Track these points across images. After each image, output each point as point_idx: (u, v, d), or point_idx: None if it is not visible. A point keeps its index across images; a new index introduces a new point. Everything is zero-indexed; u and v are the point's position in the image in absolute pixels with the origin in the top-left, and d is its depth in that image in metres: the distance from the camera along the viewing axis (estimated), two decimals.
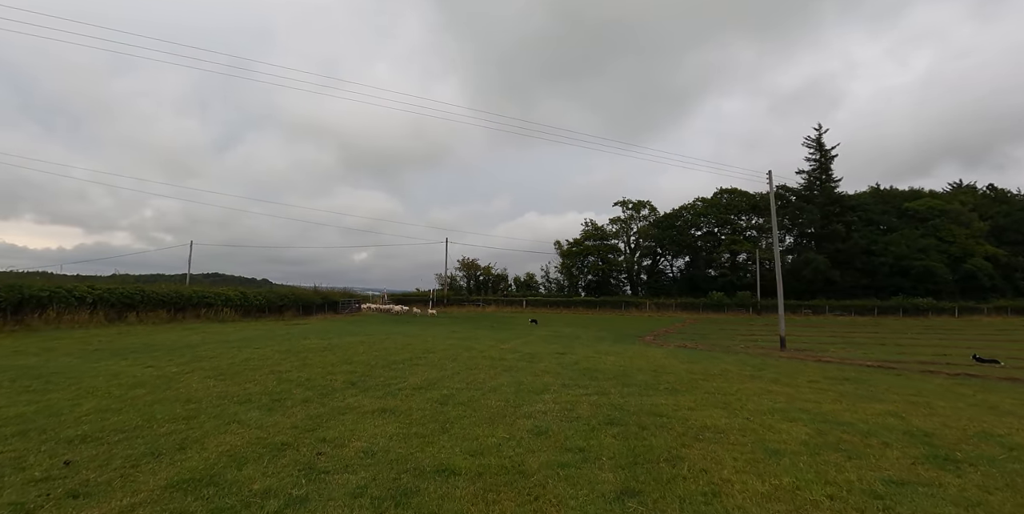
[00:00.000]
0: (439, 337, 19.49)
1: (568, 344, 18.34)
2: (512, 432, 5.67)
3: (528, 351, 14.87)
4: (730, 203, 62.83)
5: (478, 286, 65.67)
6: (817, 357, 17.39)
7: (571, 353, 14.63)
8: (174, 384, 8.79)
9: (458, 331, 24.56)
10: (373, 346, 15.13)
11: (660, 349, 18.47)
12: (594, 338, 23.71)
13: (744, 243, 59.67)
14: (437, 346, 15.50)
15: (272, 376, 9.57)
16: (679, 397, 7.90)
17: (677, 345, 21.43)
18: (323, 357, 12.28)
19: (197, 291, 27.00)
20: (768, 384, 9.59)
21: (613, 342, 21.66)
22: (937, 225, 58.19)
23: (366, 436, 5.53)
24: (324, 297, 37.86)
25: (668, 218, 64.55)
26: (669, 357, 14.64)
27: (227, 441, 5.42)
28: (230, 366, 10.71)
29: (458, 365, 11.32)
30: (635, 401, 7.47)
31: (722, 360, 14.57)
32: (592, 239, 64.32)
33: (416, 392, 8.08)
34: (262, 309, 31.08)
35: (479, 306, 52.26)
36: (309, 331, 21.44)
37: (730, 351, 19.87)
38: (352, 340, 17.14)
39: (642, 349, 17.65)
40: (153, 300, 24.09)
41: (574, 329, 30.30)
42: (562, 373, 10.52)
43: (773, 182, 22.87)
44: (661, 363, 12.82)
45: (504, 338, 20.34)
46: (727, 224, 62.94)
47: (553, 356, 13.72)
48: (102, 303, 21.83)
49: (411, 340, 17.52)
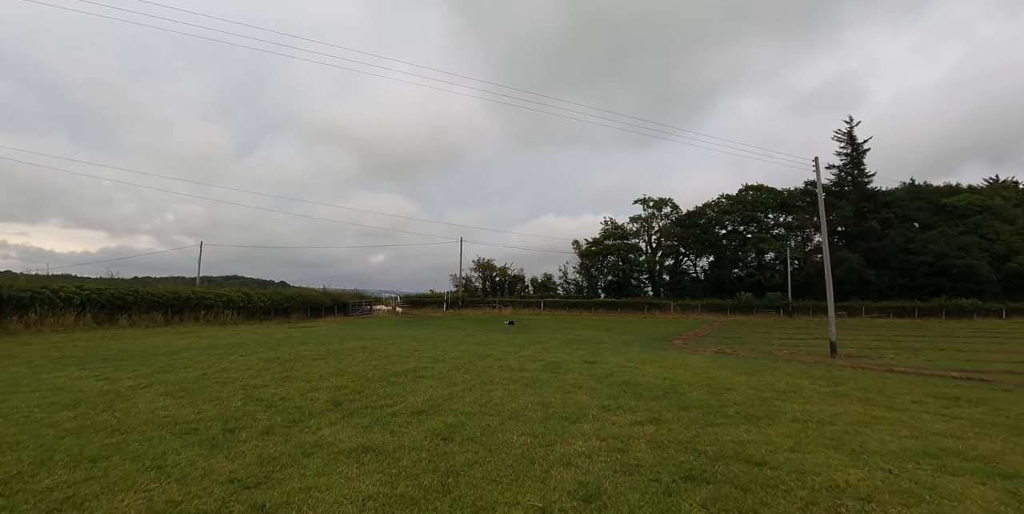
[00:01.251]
0: (451, 342, 17.65)
1: (595, 350, 16.37)
2: (546, 496, 3.75)
3: (551, 359, 12.94)
4: (757, 200, 60.10)
5: (494, 287, 63.81)
6: (884, 366, 15.18)
7: (601, 362, 12.67)
8: (117, 404, 7.05)
9: (473, 335, 22.71)
10: (375, 353, 13.32)
11: (698, 356, 16.40)
12: (620, 343, 21.70)
13: (772, 242, 56.92)
14: (448, 353, 13.64)
15: (241, 393, 7.78)
16: (764, 428, 5.92)
17: (714, 350, 19.33)
18: (313, 368, 10.48)
19: (196, 292, 25.52)
20: (863, 406, 7.55)
21: (642, 347, 19.64)
22: (978, 222, 55.01)
23: (327, 502, 3.66)
24: (334, 299, 36.30)
25: (691, 216, 61.98)
26: (716, 366, 12.60)
27: (121, 509, 3.60)
28: (198, 379, 8.96)
29: (470, 378, 9.43)
30: (708, 435, 5.51)
31: (779, 370, 12.48)
32: (612, 238, 61.93)
33: (414, 419, 6.21)
34: (267, 311, 29.56)
35: (495, 308, 50.37)
36: (311, 335, 19.74)
37: (776, 357, 17.73)
38: (354, 346, 15.36)
39: (679, 356, 15.61)
40: (148, 301, 22.61)
41: (596, 332, 28.28)
42: (597, 389, 8.58)
43: (821, 171, 20.61)
44: (712, 375, 10.80)
45: (522, 343, 18.43)
46: (754, 222, 60.21)
47: (581, 366, 11.78)
48: (91, 305, 20.37)
49: (420, 346, 15.70)
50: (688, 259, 64.44)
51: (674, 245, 61.99)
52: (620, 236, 62.37)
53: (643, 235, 63.97)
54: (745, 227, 61.60)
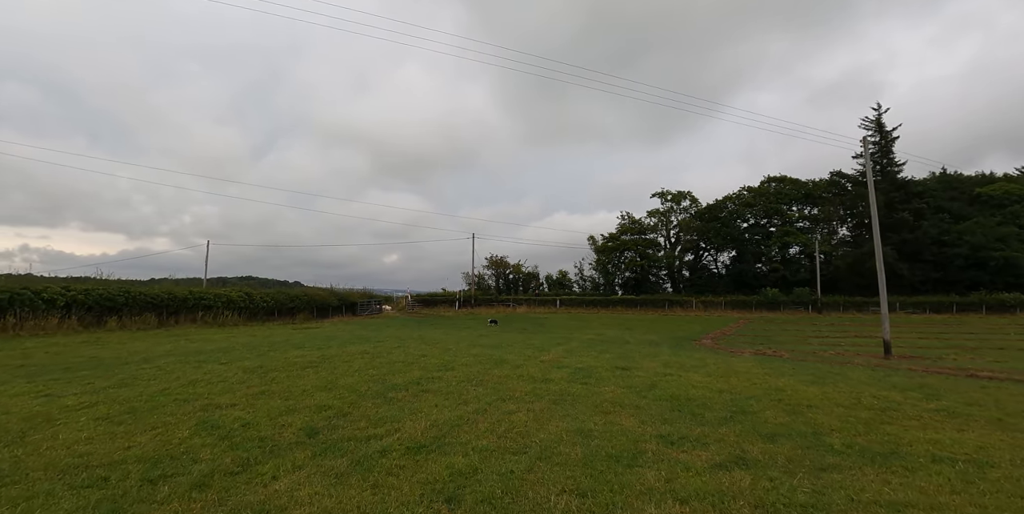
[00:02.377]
0: (463, 344, 15.98)
1: (623, 353, 14.60)
2: None
3: (578, 365, 11.21)
4: (780, 192, 57.60)
5: (507, 285, 62.03)
6: (959, 370, 13.25)
7: (635, 368, 10.93)
8: (32, 434, 5.48)
9: (486, 335, 21.05)
10: (376, 359, 11.69)
11: (740, 359, 14.58)
12: (646, 343, 19.92)
13: (798, 235, 54.41)
14: (458, 359, 11.96)
15: (197, 416, 6.17)
16: (906, 476, 4.15)
17: (753, 352, 17.48)
18: (298, 379, 8.86)
19: (194, 292, 24.11)
20: (1005, 432, 5.74)
21: (673, 348, 17.85)
22: (1017, 211, 52.21)
23: None
24: (341, 298, 34.83)
25: (711, 209, 59.57)
26: (771, 372, 10.79)
27: None
28: (155, 396, 7.37)
29: (485, 393, 7.75)
30: (833, 492, 3.76)
31: (848, 377, 10.63)
32: (629, 233, 59.74)
33: (409, 460, 4.54)
34: (270, 312, 28.14)
35: (509, 306, 48.62)
36: (311, 338, 18.20)
37: (825, 359, 15.85)
38: (354, 350, 13.75)
39: (720, 359, 13.79)
40: (140, 303, 21.23)
41: (618, 331, 26.49)
42: (643, 407, 6.86)
43: (868, 154, 18.61)
44: (774, 385, 9.01)
45: (542, 345, 16.72)
46: (777, 215, 57.73)
47: (614, 373, 10.04)
48: (78, 307, 19.01)
49: (428, 350, 14.05)
50: (708, 254, 62.13)
51: (694, 239, 59.74)
52: (637, 231, 60.23)
53: (661, 230, 61.82)
54: (768, 220, 59.17)
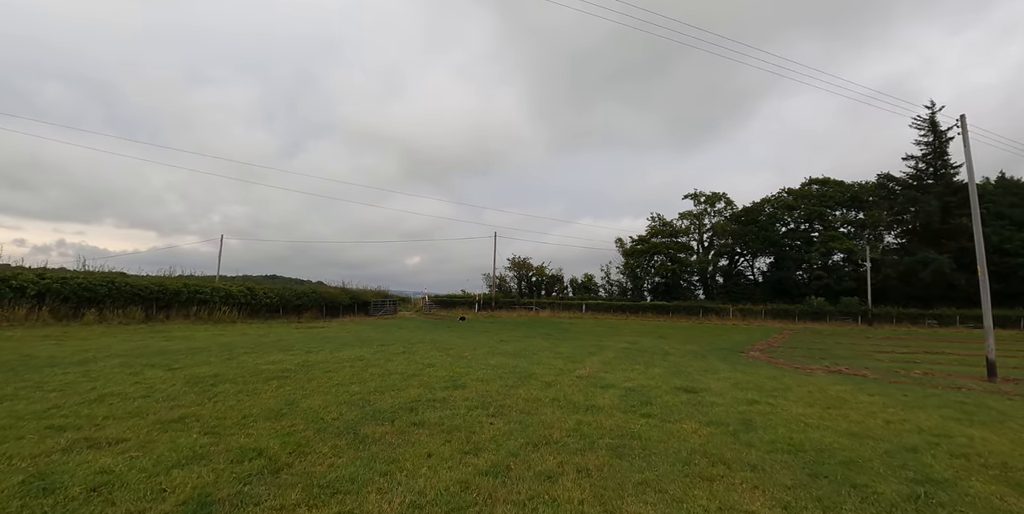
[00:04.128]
0: (480, 351, 13.46)
1: (675, 367, 11.92)
2: None
3: (626, 384, 8.59)
4: (823, 194, 53.79)
5: (530, 288, 59.33)
6: None
7: (705, 390, 8.26)
8: None
9: (507, 341, 18.52)
10: (368, 369, 9.23)
11: (822, 379, 11.74)
12: (689, 354, 17.17)
13: (844, 240, 50.56)
14: (472, 371, 9.42)
15: (36, 465, 3.75)
16: None
17: (825, 369, 14.59)
18: (248, 397, 6.42)
19: (189, 285, 22.05)
20: None
21: (727, 362, 15.07)
22: None
23: None
24: (353, 297, 32.64)
25: (748, 212, 55.94)
26: (887, 402, 8.02)
27: None
28: (23, 419, 5.01)
29: (506, 431, 5.20)
30: None
31: (1000, 412, 7.79)
32: (659, 236, 56.56)
33: None
34: (274, 309, 26.03)
35: (531, 310, 45.96)
36: (307, 339, 15.90)
37: (920, 381, 12.89)
38: (348, 356, 11.33)
39: (804, 381, 11.00)
40: (126, 294, 19.21)
41: (652, 340, 23.67)
42: (763, 469, 4.24)
43: (967, 139, 15.55)
44: (916, 423, 6.30)
45: (572, 354, 14.11)
46: (819, 219, 53.93)
47: (681, 400, 7.40)
48: (52, 297, 17.02)
49: (437, 357, 11.56)
50: (744, 259, 58.51)
51: (729, 244, 56.22)
52: (669, 234, 56.96)
53: (693, 233, 58.46)
54: (808, 224, 55.41)
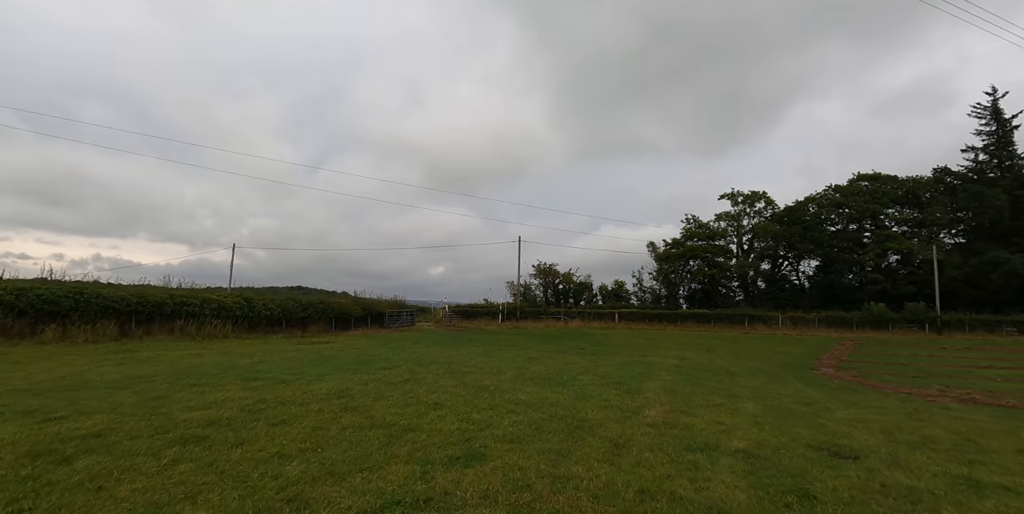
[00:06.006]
0: (506, 376, 10.43)
1: (766, 399, 8.72)
2: None
3: (734, 443, 5.47)
4: (876, 191, 49.42)
5: (556, 296, 56.06)
6: None
7: (862, 451, 5.07)
8: None
9: (537, 358, 15.45)
10: (345, 414, 6.26)
11: (980, 414, 8.40)
12: (762, 375, 13.90)
13: (902, 241, 46.19)
14: (497, 416, 6.36)
15: None
16: None
17: (948, 395, 11.16)
18: (93, 495, 3.50)
19: (175, 295, 19.51)
20: None
21: (815, 387, 11.80)
22: None
23: None
24: (366, 307, 29.91)
25: (791, 212, 51.79)
26: None
27: None
28: None
29: None
30: None
31: None
32: (695, 239, 52.83)
33: None
34: (276, 322, 23.38)
35: (560, 320, 42.74)
36: (295, 360, 13.07)
37: None
38: (328, 389, 8.40)
39: (957, 420, 7.69)
40: (97, 307, 16.71)
41: (702, 354, 20.33)
42: None
43: None
44: None
45: (620, 377, 11.01)
46: (873, 218, 49.53)
47: (846, 476, 4.23)
48: (4, 310, 14.56)
49: (450, 388, 8.57)
50: (788, 262, 54.35)
51: (771, 246, 52.19)
52: (705, 236, 53.14)
53: (732, 235, 54.56)
54: (859, 224, 51.05)
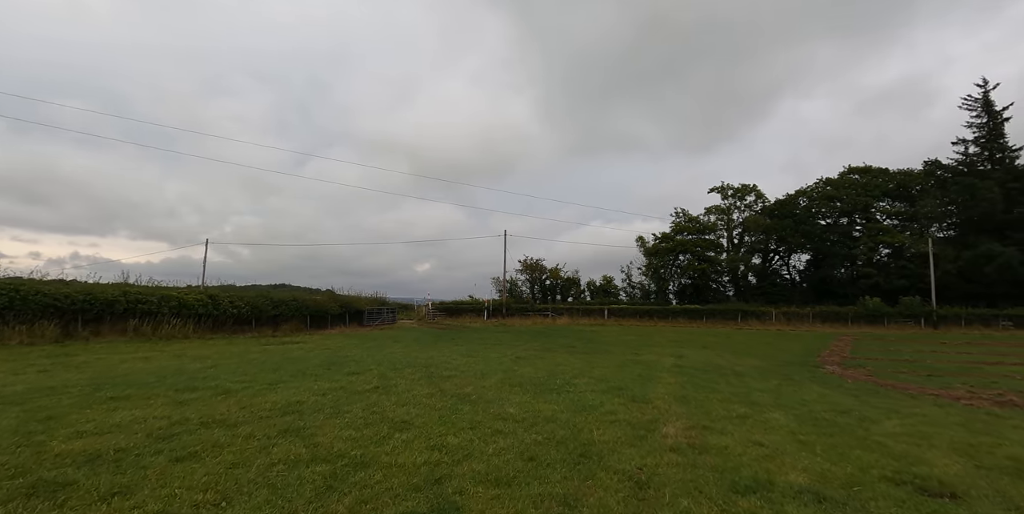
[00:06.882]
0: (491, 381, 9.04)
1: (797, 408, 7.43)
2: None
3: (786, 476, 4.13)
4: (867, 184, 48.78)
5: (544, 292, 54.79)
6: None
7: (959, 492, 3.76)
8: None
9: (526, 358, 14.09)
10: (279, 442, 4.81)
11: None
12: (772, 375, 12.69)
13: (894, 234, 45.57)
14: (478, 439, 4.96)
15: None
16: None
17: (994, 400, 9.99)
18: None
19: (129, 292, 17.82)
20: None
21: (840, 391, 10.58)
22: None
23: None
24: (344, 305, 28.32)
25: (782, 205, 51.06)
26: None
27: None
28: None
29: None
30: None
31: None
32: (685, 232, 51.87)
33: None
34: (244, 320, 21.74)
35: (547, 316, 41.46)
36: (255, 364, 11.56)
37: None
38: (279, 401, 6.93)
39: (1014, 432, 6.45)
40: (35, 306, 15.02)
41: (699, 352, 19.08)
42: None
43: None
44: None
45: (621, 381, 9.68)
46: (864, 211, 48.89)
47: None
48: None
49: (423, 400, 7.15)
50: (779, 257, 53.64)
51: (762, 240, 51.41)
52: (695, 230, 52.17)
53: (722, 229, 53.67)
54: (850, 218, 50.39)
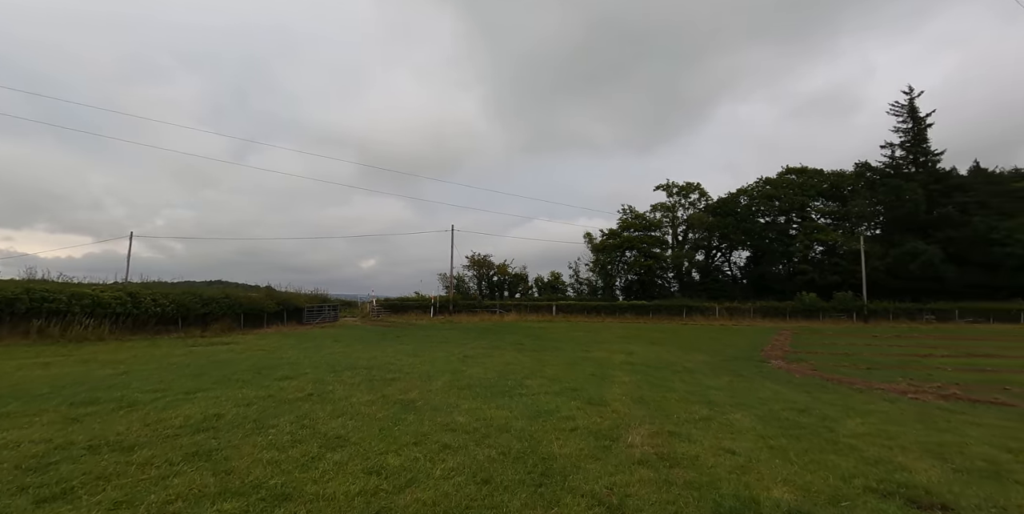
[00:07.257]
0: (437, 384, 8.32)
1: (759, 408, 7.16)
2: None
3: (776, 493, 3.68)
4: (804, 184, 50.89)
5: (491, 289, 54.27)
6: None
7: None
8: None
9: (474, 357, 13.46)
10: (208, 447, 4.00)
11: (989, 414, 7.20)
12: (723, 372, 12.64)
13: (829, 232, 47.73)
14: (424, 459, 4.24)
15: None
16: None
17: (937, 394, 10.18)
18: None
19: (33, 290, 15.97)
20: None
21: (794, 388, 10.56)
22: None
23: None
24: (282, 302, 26.80)
25: (724, 203, 52.60)
26: None
27: None
28: None
29: None
30: None
31: None
32: (632, 229, 52.55)
33: None
34: (170, 320, 20.06)
35: (495, 313, 40.98)
36: (178, 368, 10.37)
37: None
38: (189, 415, 5.97)
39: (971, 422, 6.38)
40: None
41: (646, 347, 19.06)
42: None
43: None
44: None
45: (575, 381, 9.20)
46: (801, 210, 51.01)
47: None
48: None
49: (362, 409, 6.37)
50: (721, 254, 55.22)
51: (705, 237, 52.74)
52: (641, 227, 52.92)
53: (667, 227, 54.72)
54: (787, 216, 52.46)
